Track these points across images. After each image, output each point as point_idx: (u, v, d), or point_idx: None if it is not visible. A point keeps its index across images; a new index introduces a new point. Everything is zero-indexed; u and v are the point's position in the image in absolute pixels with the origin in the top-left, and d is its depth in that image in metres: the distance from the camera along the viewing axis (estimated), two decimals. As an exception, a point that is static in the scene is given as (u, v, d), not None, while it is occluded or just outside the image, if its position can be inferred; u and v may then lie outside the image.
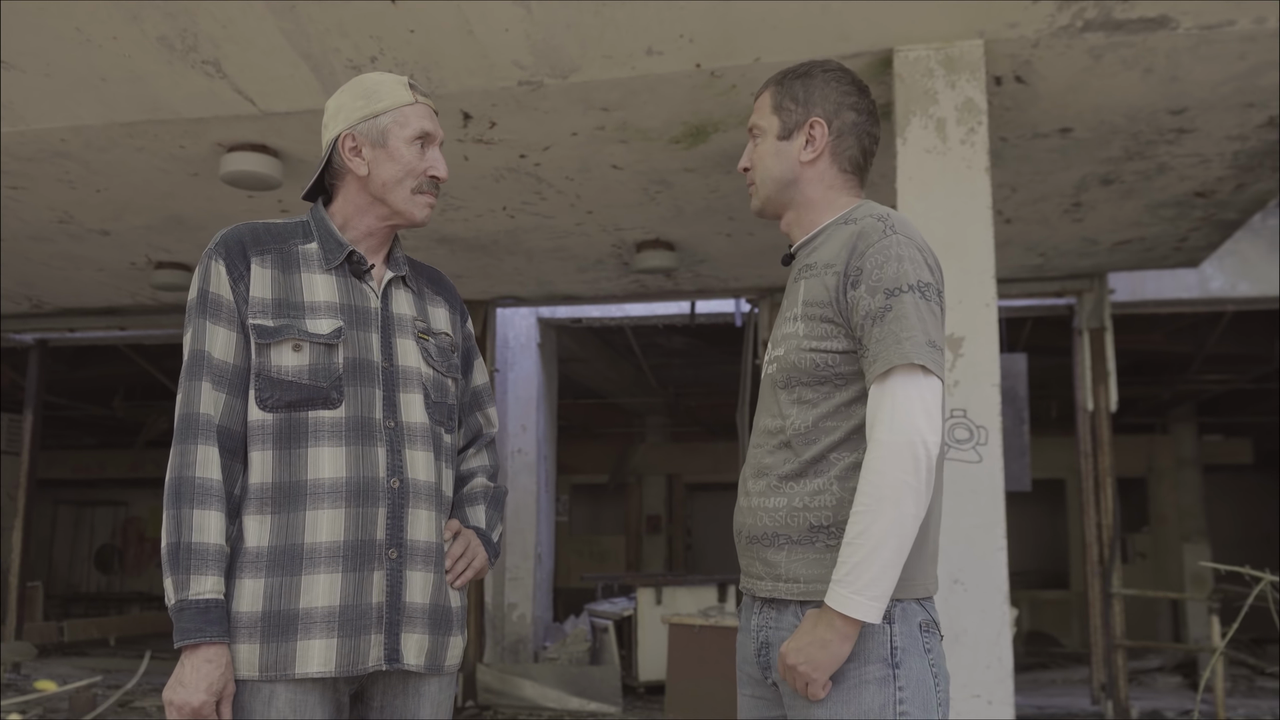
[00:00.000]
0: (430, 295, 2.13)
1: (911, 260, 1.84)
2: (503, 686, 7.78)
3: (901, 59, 4.25)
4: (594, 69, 4.37)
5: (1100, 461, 7.51)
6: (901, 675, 1.79)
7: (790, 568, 1.88)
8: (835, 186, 2.02)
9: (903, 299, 1.81)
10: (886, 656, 1.79)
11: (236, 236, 1.95)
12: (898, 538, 1.73)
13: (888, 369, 1.78)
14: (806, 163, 2.00)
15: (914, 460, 1.74)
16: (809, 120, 2.00)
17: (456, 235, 6.57)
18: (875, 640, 1.80)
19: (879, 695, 1.78)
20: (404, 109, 2.00)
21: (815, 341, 1.89)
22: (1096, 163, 5.37)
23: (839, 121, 2.00)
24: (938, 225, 4.13)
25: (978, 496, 4.00)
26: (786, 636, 1.88)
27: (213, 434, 1.84)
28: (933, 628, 1.86)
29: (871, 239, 1.87)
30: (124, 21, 4.19)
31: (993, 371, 4.06)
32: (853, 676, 1.79)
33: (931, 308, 1.83)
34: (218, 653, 1.78)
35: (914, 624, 1.82)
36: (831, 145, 2.00)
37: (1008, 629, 3.96)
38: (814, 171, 2.01)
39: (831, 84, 2.02)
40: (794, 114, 2.02)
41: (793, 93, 2.03)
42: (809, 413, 1.90)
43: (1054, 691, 8.96)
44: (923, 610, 1.85)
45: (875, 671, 1.79)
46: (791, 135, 2.01)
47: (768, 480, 1.93)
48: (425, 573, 1.92)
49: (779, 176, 2.03)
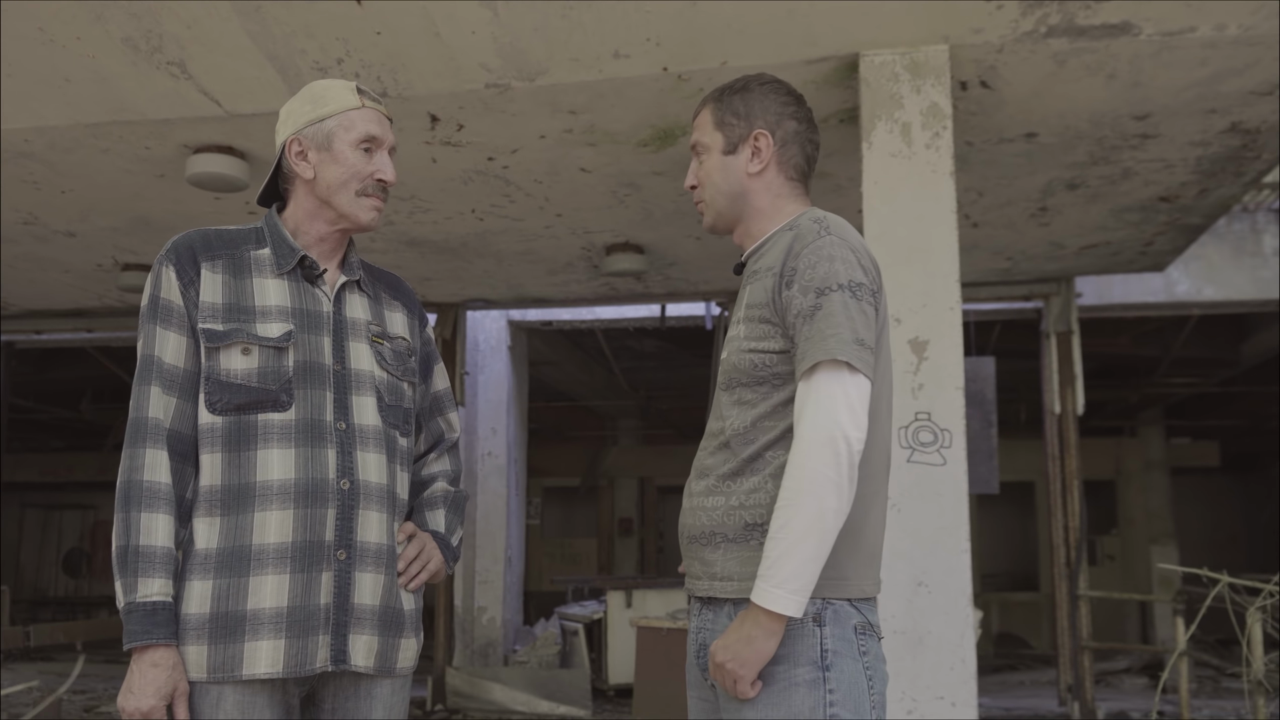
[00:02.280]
0: (387, 300, 2.13)
1: (844, 260, 1.85)
2: (472, 690, 7.76)
3: (867, 63, 4.27)
4: (561, 72, 4.37)
5: (1067, 464, 7.57)
6: (832, 678, 1.80)
7: (725, 566, 1.90)
8: (783, 195, 2.05)
9: (831, 297, 1.82)
10: (816, 659, 1.80)
11: (187, 243, 1.95)
12: (819, 532, 1.74)
13: (813, 365, 1.80)
14: (754, 174, 2.03)
15: (835, 455, 1.75)
16: (753, 132, 2.03)
17: (425, 238, 6.56)
18: (805, 643, 1.81)
19: (809, 697, 1.79)
20: (350, 113, 2.00)
21: (754, 342, 1.92)
22: (1062, 167, 5.42)
23: (782, 131, 2.03)
24: (903, 229, 4.16)
25: (941, 499, 4.02)
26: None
27: (162, 438, 1.84)
28: (869, 630, 1.86)
29: (806, 240, 1.89)
30: (88, 22, 4.16)
31: (957, 375, 4.08)
32: (783, 678, 1.80)
33: (862, 307, 1.84)
34: (165, 655, 1.78)
35: (848, 626, 1.83)
36: (777, 155, 2.03)
37: (971, 631, 3.98)
38: (761, 182, 2.04)
39: (770, 95, 2.05)
40: (737, 128, 2.04)
41: (733, 107, 2.05)
42: (748, 413, 1.91)
43: (1022, 693, 9.02)
44: (858, 613, 1.85)
45: (805, 674, 1.80)
46: (737, 149, 2.04)
47: (708, 481, 1.95)
48: (376, 574, 1.92)
49: (728, 191, 2.05)
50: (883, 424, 1.94)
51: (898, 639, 4.01)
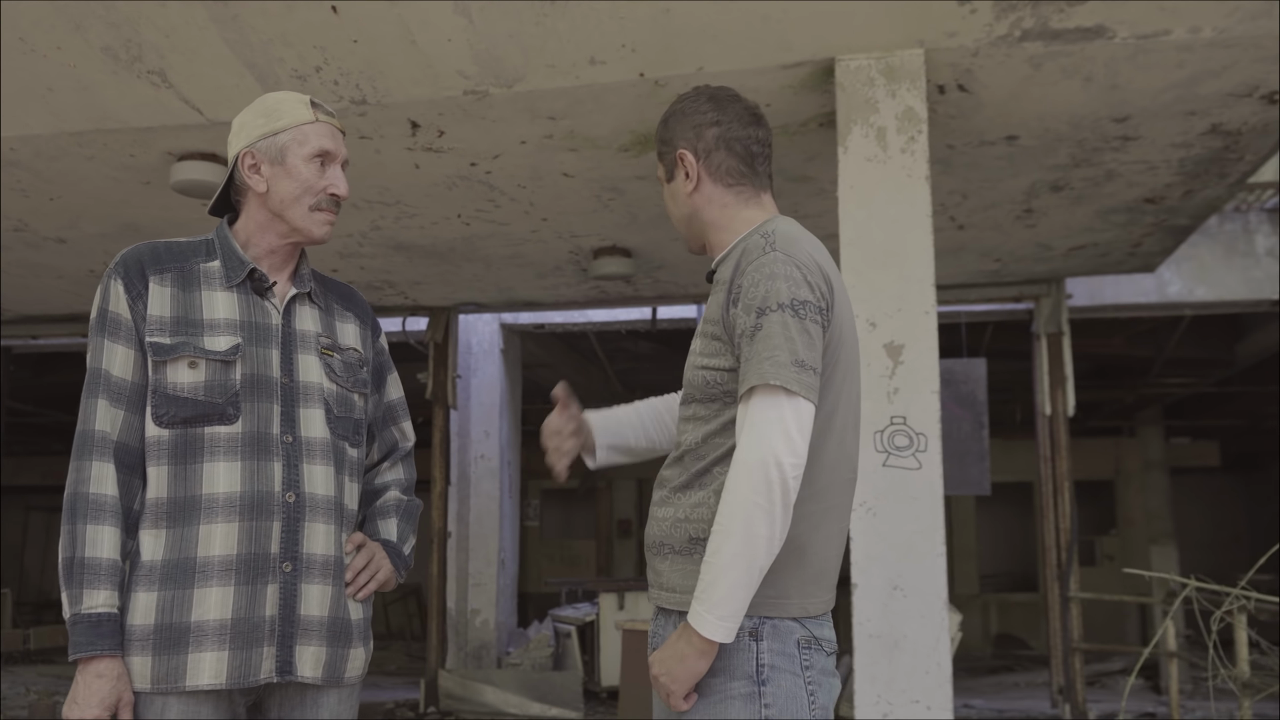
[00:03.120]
0: (339, 311, 2.14)
1: (786, 278, 1.83)
2: (464, 692, 7.78)
3: (843, 68, 4.28)
4: (538, 78, 4.39)
5: (1058, 465, 7.57)
6: (768, 692, 1.80)
7: (671, 577, 1.91)
8: (729, 203, 2.04)
9: (771, 318, 1.80)
10: (752, 674, 1.81)
11: (136, 256, 1.97)
12: (747, 559, 1.74)
13: (750, 388, 1.79)
14: (691, 194, 2.05)
15: (766, 482, 1.73)
16: (677, 154, 2.05)
17: (413, 243, 6.58)
18: (741, 657, 1.81)
19: (744, 711, 1.80)
20: (303, 127, 2.01)
21: (706, 358, 1.92)
22: (1044, 169, 5.42)
23: (703, 143, 2.04)
24: (878, 233, 4.17)
25: (917, 503, 4.03)
26: None
27: (108, 450, 1.86)
28: (815, 644, 1.86)
29: (752, 256, 1.88)
30: (67, 31, 4.19)
31: (932, 379, 4.09)
32: (719, 691, 1.81)
33: (805, 326, 1.81)
34: (109, 666, 1.80)
35: (789, 641, 1.83)
36: (704, 166, 2.03)
37: (946, 635, 3.99)
38: (702, 197, 2.05)
39: (686, 112, 2.07)
40: (668, 155, 2.09)
41: (661, 136, 2.11)
42: (700, 429, 1.92)
43: (1016, 694, 9.02)
44: (802, 628, 1.85)
45: (741, 688, 1.81)
46: (673, 175, 2.08)
47: (663, 491, 1.97)
48: (323, 585, 1.94)
49: (681, 215, 2.10)
50: (843, 439, 1.92)
51: (873, 643, 4.02)
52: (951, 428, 7.79)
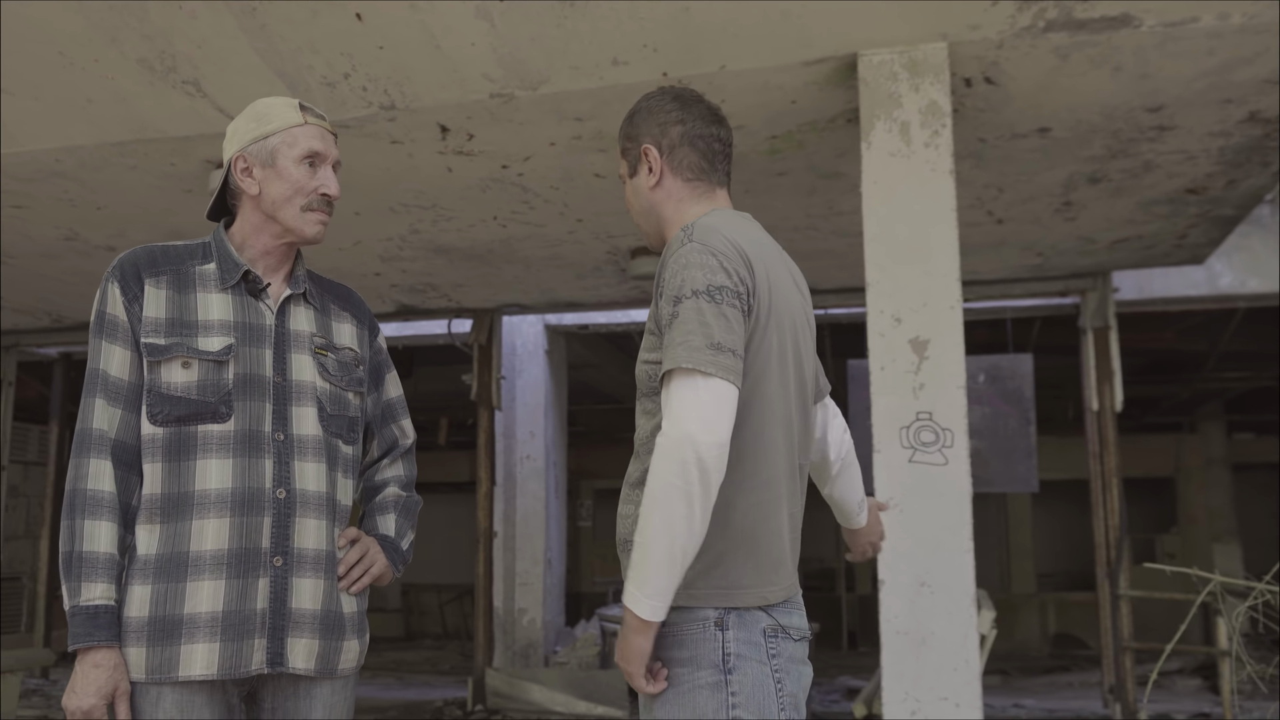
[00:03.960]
0: (336, 311, 2.19)
1: (700, 265, 1.85)
2: (511, 690, 7.85)
3: (865, 63, 4.26)
4: (562, 80, 4.43)
5: (1106, 462, 7.45)
6: (734, 681, 1.82)
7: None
8: (684, 199, 2.09)
9: (685, 305, 1.83)
10: (718, 663, 1.83)
11: (132, 260, 2.03)
12: (668, 539, 1.76)
13: (666, 373, 1.82)
14: (653, 188, 2.09)
15: (681, 464, 1.75)
16: (641, 149, 2.09)
17: (452, 245, 6.66)
18: (707, 647, 1.84)
19: (711, 699, 1.82)
20: (293, 130, 2.07)
21: (647, 353, 1.96)
22: (1080, 161, 5.35)
23: (667, 139, 2.08)
24: (902, 228, 4.15)
25: (943, 499, 4.00)
26: None
27: (106, 448, 1.92)
28: (781, 632, 1.88)
29: (673, 248, 1.92)
30: (104, 44, 4.31)
31: (958, 374, 4.05)
32: (686, 681, 1.84)
33: (722, 310, 1.82)
34: (106, 656, 1.86)
35: (754, 630, 1.85)
36: (667, 162, 2.08)
37: (975, 631, 3.96)
38: (663, 192, 2.09)
39: (652, 110, 2.11)
40: (631, 151, 2.12)
41: (626, 132, 2.14)
42: (648, 423, 1.95)
43: (1069, 694, 8.89)
44: (768, 616, 1.87)
45: (707, 677, 1.83)
46: (636, 170, 2.12)
47: (625, 489, 2.00)
48: (315, 579, 1.98)
49: (642, 210, 2.13)
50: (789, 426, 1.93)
51: (900, 639, 4.00)
52: (998, 424, 7.72)
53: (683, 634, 1.85)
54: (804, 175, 5.47)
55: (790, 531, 1.95)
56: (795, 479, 1.96)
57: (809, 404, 2.04)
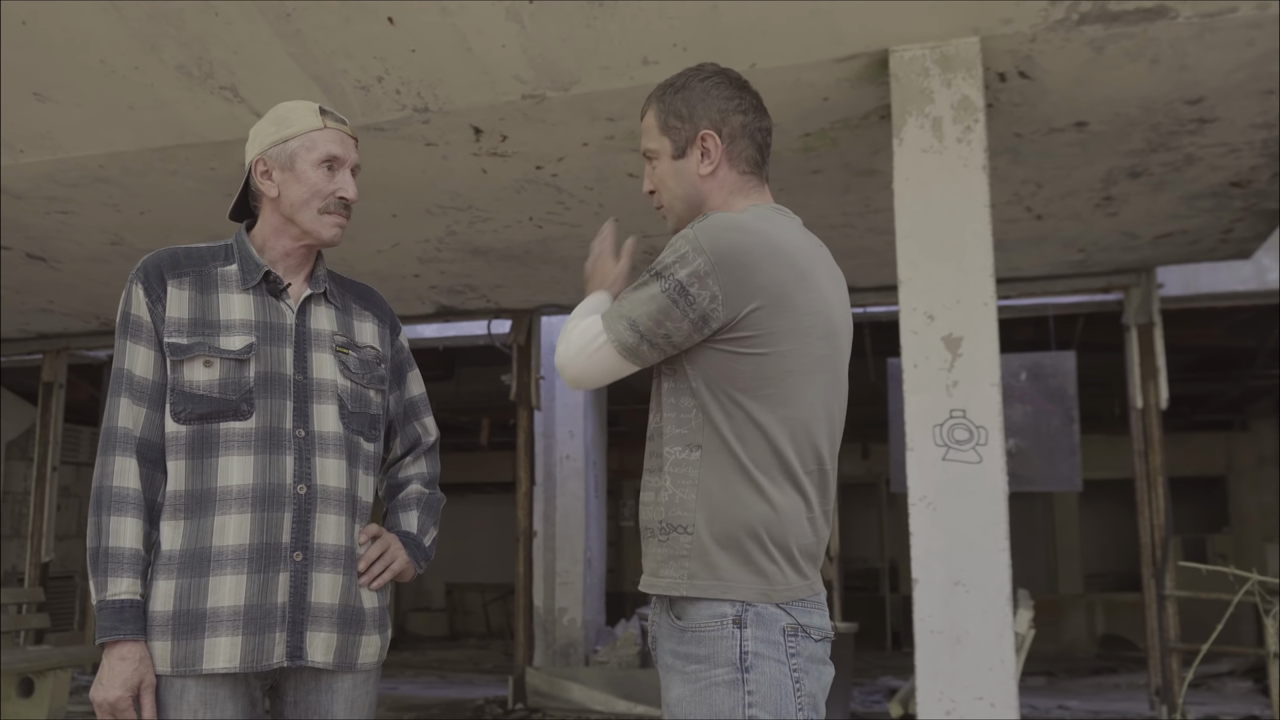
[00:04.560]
0: (357, 310, 2.22)
1: (677, 254, 1.86)
2: (551, 689, 7.89)
3: (897, 59, 4.24)
4: (593, 80, 4.44)
5: (1152, 460, 7.34)
6: (751, 680, 1.80)
7: (649, 562, 1.95)
8: (736, 190, 2.03)
9: (651, 281, 1.89)
10: (735, 661, 1.81)
11: (155, 262, 2.07)
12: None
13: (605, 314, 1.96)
14: (706, 176, 2.01)
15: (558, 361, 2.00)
16: (699, 134, 1.99)
17: (489, 246, 6.70)
18: (724, 644, 1.82)
19: (728, 697, 1.80)
20: (312, 134, 2.10)
21: None
22: (1119, 155, 5.28)
23: (728, 127, 2.00)
24: (935, 225, 4.12)
25: (977, 498, 3.97)
26: (663, 633, 1.93)
27: (131, 446, 1.97)
28: (801, 632, 1.86)
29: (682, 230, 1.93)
30: (143, 52, 4.39)
31: (992, 371, 4.02)
32: (703, 678, 1.82)
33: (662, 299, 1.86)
34: (132, 649, 1.90)
35: (774, 629, 1.83)
36: (726, 152, 2.00)
37: (1010, 631, 3.92)
38: (715, 182, 2.01)
39: (712, 91, 2.01)
40: (682, 131, 2.01)
41: (675, 110, 2.02)
42: (655, 413, 1.98)
43: (1115, 696, 8.77)
44: (787, 615, 1.85)
45: (724, 674, 1.81)
46: (685, 152, 2.01)
47: (645, 475, 2.00)
48: (334, 575, 2.01)
49: (684, 195, 2.03)
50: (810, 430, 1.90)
51: (935, 639, 3.97)
52: (1040, 423, 7.63)
53: (700, 631, 1.84)
54: (839, 173, 5.45)
55: (814, 532, 1.92)
56: (823, 479, 1.94)
57: (842, 404, 2.00)
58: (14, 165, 5.28)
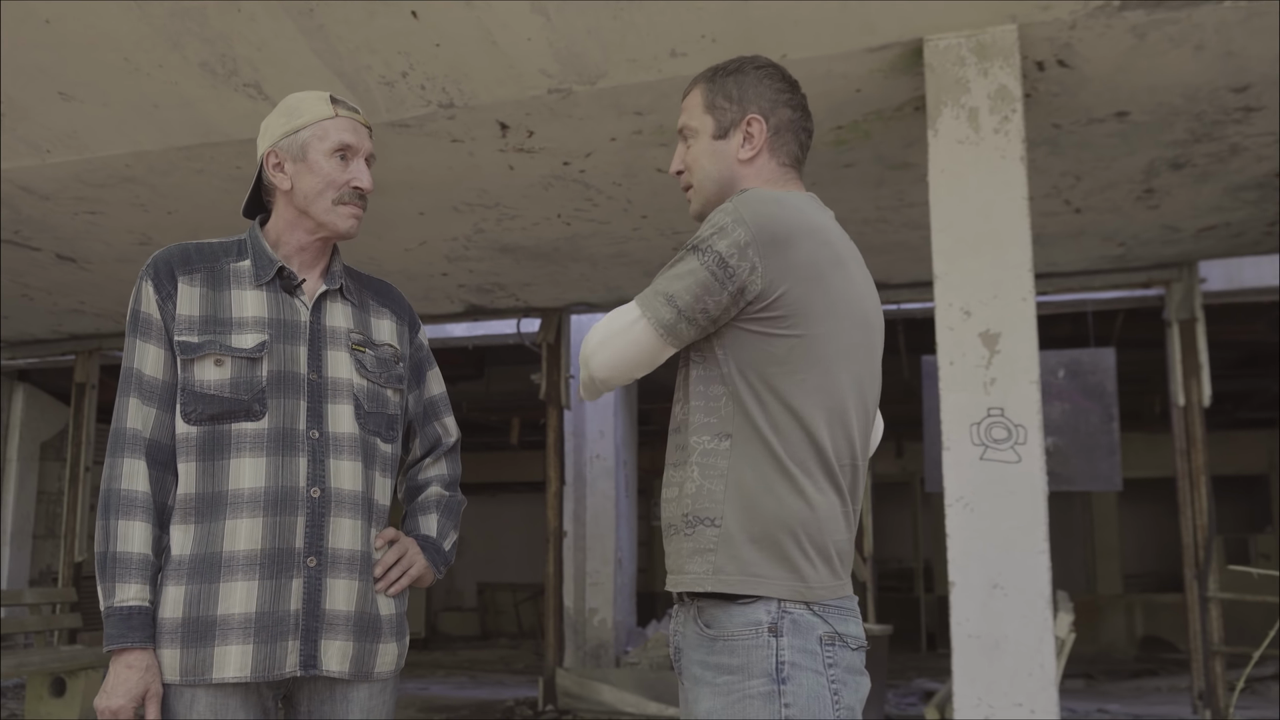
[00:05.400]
0: (375, 307, 2.15)
1: (717, 227, 1.76)
2: (582, 691, 7.82)
3: (932, 48, 4.13)
4: (620, 74, 4.36)
5: (1194, 459, 7.17)
6: (788, 691, 1.70)
7: (675, 559, 1.84)
8: (772, 180, 1.95)
9: (687, 256, 1.79)
10: (771, 671, 1.71)
11: (166, 258, 2.01)
12: None
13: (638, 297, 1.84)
14: (745, 160, 1.94)
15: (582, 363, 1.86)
16: (745, 117, 1.93)
17: (517, 244, 6.64)
18: (760, 654, 1.72)
19: (764, 710, 1.70)
20: (323, 123, 2.02)
21: None
22: (1162, 146, 5.14)
23: (775, 119, 1.94)
24: (972, 218, 4.01)
25: (1016, 498, 3.86)
26: (689, 641, 1.82)
27: (140, 448, 1.90)
28: (839, 640, 1.76)
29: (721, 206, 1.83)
30: (167, 49, 4.35)
31: (1031, 368, 3.91)
32: (736, 690, 1.72)
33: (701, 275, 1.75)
34: (139, 658, 1.84)
35: (811, 637, 1.74)
36: (770, 142, 1.94)
37: (1050, 635, 3.81)
38: (752, 169, 1.94)
39: (765, 80, 1.96)
40: (729, 112, 1.95)
41: (725, 90, 1.96)
42: (680, 403, 1.89)
43: (1157, 699, 8.60)
44: (824, 623, 1.75)
45: (759, 686, 1.71)
46: (728, 134, 1.95)
47: (665, 472, 1.92)
48: (350, 580, 1.94)
49: (718, 177, 1.96)
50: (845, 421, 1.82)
51: (972, 643, 3.86)
52: (1079, 421, 7.47)
53: (735, 640, 1.74)
54: (871, 166, 5.34)
55: (848, 529, 1.84)
56: (854, 476, 1.85)
57: (875, 400, 1.91)
58: (41, 165, 5.27)
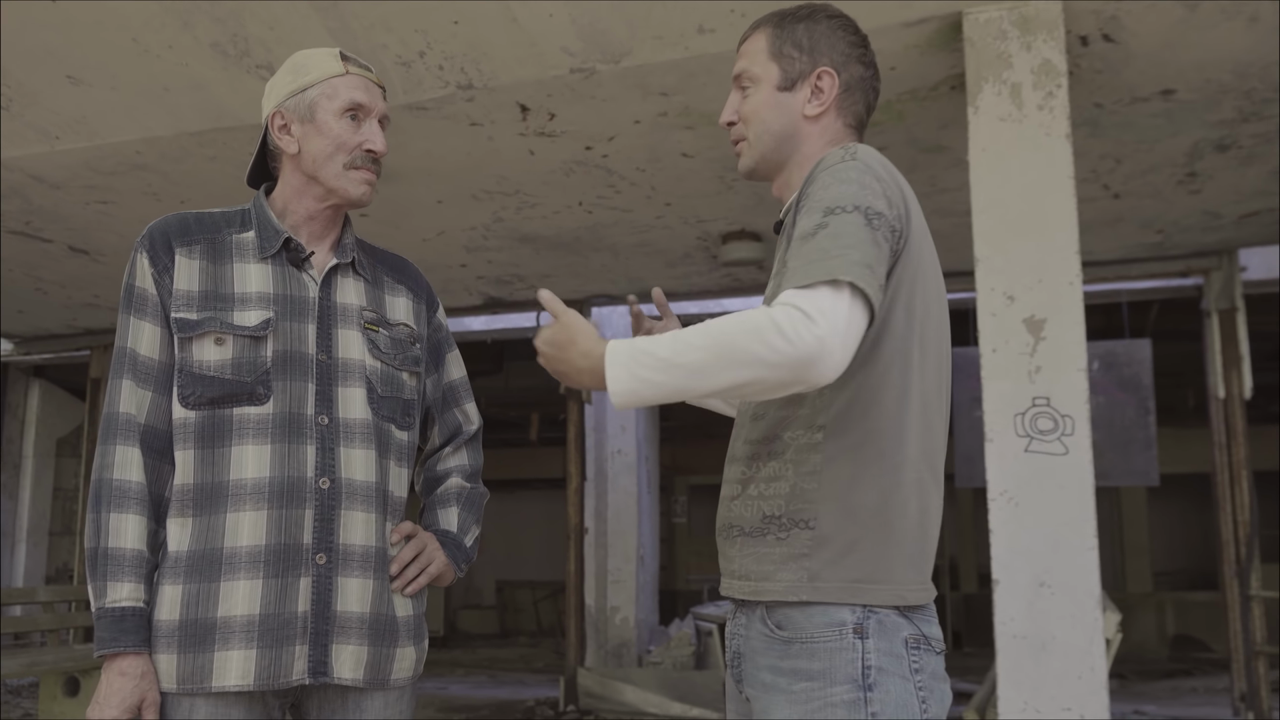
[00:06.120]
0: (390, 284, 1.99)
1: (861, 184, 1.57)
2: (604, 691, 7.66)
3: (971, 22, 3.95)
4: (645, 51, 4.20)
5: (1234, 453, 6.96)
6: (876, 699, 1.54)
7: (742, 563, 1.67)
8: (835, 141, 1.78)
9: (843, 217, 1.52)
10: (857, 677, 1.55)
11: (163, 228, 1.85)
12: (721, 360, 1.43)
13: (805, 283, 1.46)
14: (811, 117, 1.76)
15: (800, 357, 1.41)
16: (816, 70, 1.76)
17: (537, 234, 6.48)
18: (844, 658, 1.56)
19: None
20: (333, 80, 1.86)
21: None
22: (1207, 126, 4.94)
23: (848, 74, 1.77)
24: (1014, 198, 3.83)
25: (1064, 491, 3.67)
26: (756, 646, 1.66)
27: (133, 434, 1.74)
28: (924, 644, 1.61)
29: (827, 164, 1.63)
30: (177, 29, 4.21)
31: (1079, 355, 3.72)
32: (817, 698, 1.56)
33: (876, 238, 1.54)
34: (133, 664, 1.68)
35: (896, 640, 1.58)
36: (839, 99, 1.77)
37: (1101, 636, 3.62)
38: (818, 127, 1.77)
39: (839, 31, 1.78)
40: (798, 62, 1.77)
41: (795, 38, 1.77)
42: None
43: (1194, 700, 8.38)
44: (910, 624, 1.60)
45: (843, 694, 1.55)
46: (795, 86, 1.77)
47: (734, 468, 1.73)
48: (363, 579, 1.77)
49: (779, 131, 1.78)
50: (927, 404, 1.66)
51: (1018, 644, 3.68)
52: (1114, 414, 7.27)
53: (815, 642, 1.58)
54: (904, 149, 5.15)
55: (933, 521, 1.68)
56: (935, 464, 1.68)
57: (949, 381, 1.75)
58: (50, 153, 5.14)
